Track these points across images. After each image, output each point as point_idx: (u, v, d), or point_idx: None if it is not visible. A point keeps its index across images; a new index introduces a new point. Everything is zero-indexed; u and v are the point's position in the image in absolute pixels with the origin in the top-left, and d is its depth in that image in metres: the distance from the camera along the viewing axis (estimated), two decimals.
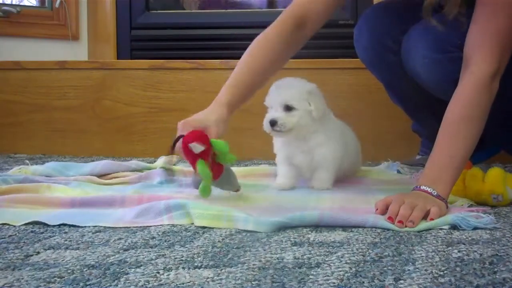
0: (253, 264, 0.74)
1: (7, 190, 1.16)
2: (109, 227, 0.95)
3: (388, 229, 0.93)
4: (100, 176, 1.41)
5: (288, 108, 1.23)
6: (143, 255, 0.78)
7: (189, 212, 0.98)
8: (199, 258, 0.77)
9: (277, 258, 0.77)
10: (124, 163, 1.49)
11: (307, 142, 1.26)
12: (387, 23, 1.40)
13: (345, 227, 0.95)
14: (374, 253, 0.80)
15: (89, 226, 0.95)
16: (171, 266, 0.73)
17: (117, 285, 0.66)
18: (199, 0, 2.46)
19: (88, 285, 0.66)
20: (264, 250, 0.81)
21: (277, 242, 0.85)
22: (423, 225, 0.95)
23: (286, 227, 0.94)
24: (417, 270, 0.72)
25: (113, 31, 2.37)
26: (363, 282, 0.67)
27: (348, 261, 0.75)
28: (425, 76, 1.33)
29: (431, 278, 0.69)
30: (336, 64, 1.89)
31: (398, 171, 1.54)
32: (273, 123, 1.22)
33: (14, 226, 0.95)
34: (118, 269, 0.71)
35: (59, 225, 0.95)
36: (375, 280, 0.68)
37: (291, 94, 1.23)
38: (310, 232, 0.92)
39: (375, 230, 0.93)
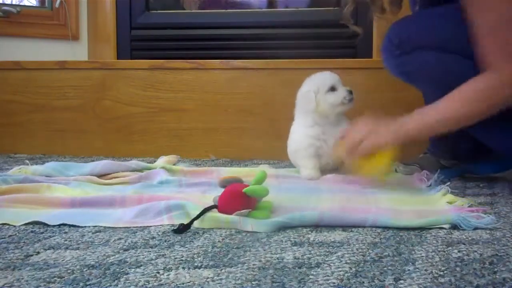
0: (253, 264, 0.74)
1: (7, 190, 1.16)
2: (109, 227, 0.95)
3: (388, 229, 0.93)
4: (100, 176, 1.41)
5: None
6: (143, 255, 0.78)
7: (189, 213, 0.98)
8: (199, 258, 0.77)
9: (277, 258, 0.77)
10: (124, 163, 1.49)
11: (339, 128, 1.45)
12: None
13: (345, 227, 0.95)
14: (374, 253, 0.80)
15: (89, 226, 0.95)
16: (171, 266, 0.73)
17: (117, 285, 0.66)
18: (199, 0, 2.46)
19: (88, 285, 0.66)
20: (264, 250, 0.81)
21: (277, 242, 0.85)
22: (423, 221, 0.95)
23: (286, 227, 0.94)
24: (417, 270, 0.72)
25: (113, 31, 2.36)
26: (363, 282, 0.67)
27: (348, 261, 0.75)
28: (386, 67, 1.43)
29: (431, 278, 0.69)
30: (336, 64, 1.89)
31: (396, 170, 1.54)
32: (351, 92, 1.44)
33: (14, 226, 0.95)
34: (118, 269, 0.71)
35: (59, 225, 0.95)
36: (375, 280, 0.68)
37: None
38: (310, 232, 0.92)
39: (375, 230, 0.93)
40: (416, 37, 1.31)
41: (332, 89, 1.43)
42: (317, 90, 1.43)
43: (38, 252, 0.79)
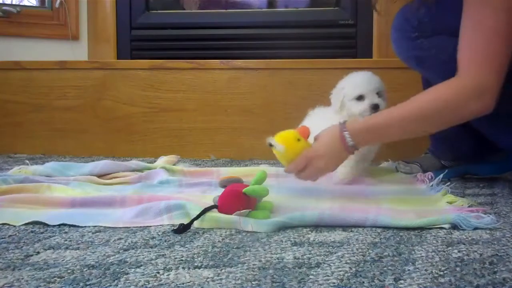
0: (253, 264, 0.74)
1: (7, 190, 1.16)
2: (109, 227, 0.95)
3: (388, 229, 0.93)
4: (100, 176, 1.41)
5: (380, 95, 1.35)
6: (143, 255, 0.78)
7: (189, 213, 0.98)
8: (199, 258, 0.77)
9: (277, 258, 0.77)
10: (124, 163, 1.49)
11: None
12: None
13: (345, 227, 0.95)
14: (374, 253, 0.80)
15: (89, 226, 0.95)
16: (171, 266, 0.73)
17: (117, 285, 0.66)
18: (199, 0, 2.46)
19: (88, 285, 0.66)
20: (264, 250, 0.81)
21: (277, 242, 0.85)
22: (423, 221, 0.95)
23: (286, 227, 0.94)
24: (417, 270, 0.72)
25: (113, 31, 2.37)
26: (363, 282, 0.67)
27: (348, 261, 0.75)
28: (394, 50, 1.38)
29: (431, 278, 0.69)
30: (336, 64, 1.89)
31: (396, 168, 1.55)
32: (376, 107, 1.33)
33: (14, 226, 0.95)
34: (118, 269, 0.71)
35: (59, 225, 0.95)
36: (375, 280, 0.68)
37: (380, 82, 1.37)
38: (310, 232, 0.92)
39: (375, 230, 0.93)
40: (438, 21, 1.26)
41: (360, 97, 1.35)
42: (347, 93, 1.36)
43: (38, 252, 0.79)
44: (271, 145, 1.15)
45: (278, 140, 1.15)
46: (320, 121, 1.46)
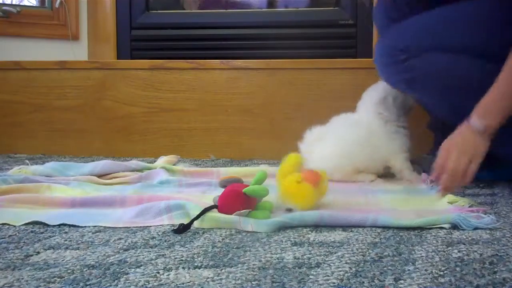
0: (253, 264, 0.74)
1: (7, 190, 1.16)
2: (109, 227, 0.95)
3: (388, 229, 0.93)
4: (100, 176, 1.41)
5: None
6: (143, 255, 0.78)
7: (189, 213, 0.98)
8: (199, 258, 0.77)
9: (277, 258, 0.77)
10: (124, 163, 1.49)
11: None
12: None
13: (345, 227, 0.95)
14: (374, 253, 0.80)
15: (89, 226, 0.95)
16: (171, 266, 0.73)
17: (117, 285, 0.66)
18: (199, 0, 2.46)
19: (88, 285, 0.66)
20: (264, 250, 0.81)
21: (277, 242, 0.85)
22: (423, 221, 0.95)
23: (286, 227, 0.94)
24: (417, 270, 0.72)
25: (113, 31, 2.36)
26: (363, 282, 0.67)
27: (348, 261, 0.75)
28: (381, 76, 1.42)
29: (431, 278, 0.69)
30: (336, 64, 1.89)
31: None
32: None
33: (14, 226, 0.95)
34: (118, 269, 0.71)
35: (59, 225, 0.95)
36: (375, 280, 0.68)
37: None
38: (310, 232, 0.92)
39: (375, 230, 0.93)
40: (425, 39, 1.28)
41: None
42: (391, 94, 1.43)
43: (38, 252, 0.79)
44: (290, 209, 1.04)
45: (288, 191, 1.05)
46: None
